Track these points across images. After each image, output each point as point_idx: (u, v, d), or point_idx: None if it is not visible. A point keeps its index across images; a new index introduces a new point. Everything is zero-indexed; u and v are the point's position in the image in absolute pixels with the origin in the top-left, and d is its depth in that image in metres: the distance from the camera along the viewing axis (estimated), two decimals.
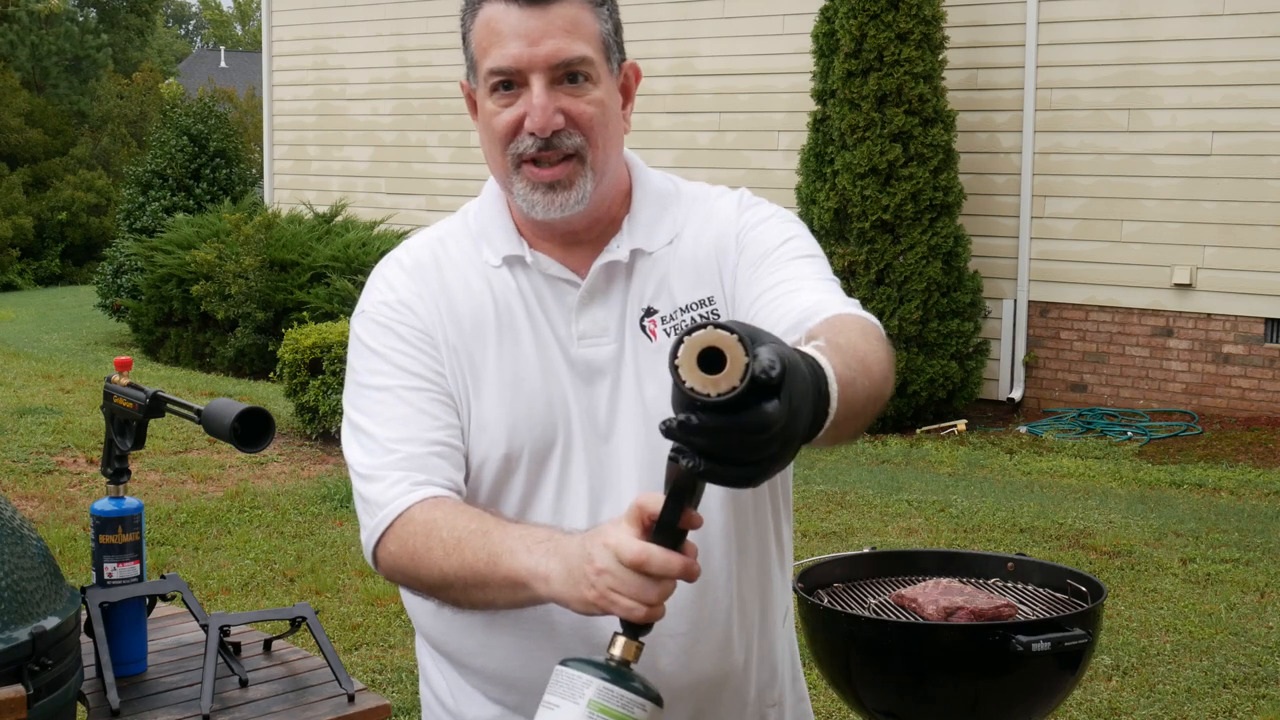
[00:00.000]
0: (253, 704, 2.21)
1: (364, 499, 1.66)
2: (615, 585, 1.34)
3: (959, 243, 9.76)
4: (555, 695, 1.36)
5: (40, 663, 1.84)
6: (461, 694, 1.78)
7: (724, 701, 1.77)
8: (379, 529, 1.62)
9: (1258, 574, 6.02)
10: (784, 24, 11.14)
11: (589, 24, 1.65)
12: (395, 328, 1.71)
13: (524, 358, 1.69)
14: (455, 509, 1.59)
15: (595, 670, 1.35)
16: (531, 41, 1.62)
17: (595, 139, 1.66)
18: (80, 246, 25.04)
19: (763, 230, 1.81)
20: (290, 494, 7.28)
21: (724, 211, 1.81)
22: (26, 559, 1.91)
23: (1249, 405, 9.54)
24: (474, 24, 1.71)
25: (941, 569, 2.61)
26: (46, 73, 30.16)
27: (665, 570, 1.33)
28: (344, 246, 12.27)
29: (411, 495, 1.61)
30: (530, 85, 1.63)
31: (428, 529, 1.57)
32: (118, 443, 2.37)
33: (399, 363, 1.69)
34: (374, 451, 1.66)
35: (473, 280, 1.73)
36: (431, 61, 13.62)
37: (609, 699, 1.33)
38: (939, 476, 8.19)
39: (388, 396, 1.68)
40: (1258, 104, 9.38)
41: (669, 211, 1.77)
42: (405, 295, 1.72)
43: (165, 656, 2.39)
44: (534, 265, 1.72)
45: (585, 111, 1.64)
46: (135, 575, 2.34)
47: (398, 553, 1.60)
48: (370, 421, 1.68)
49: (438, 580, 1.57)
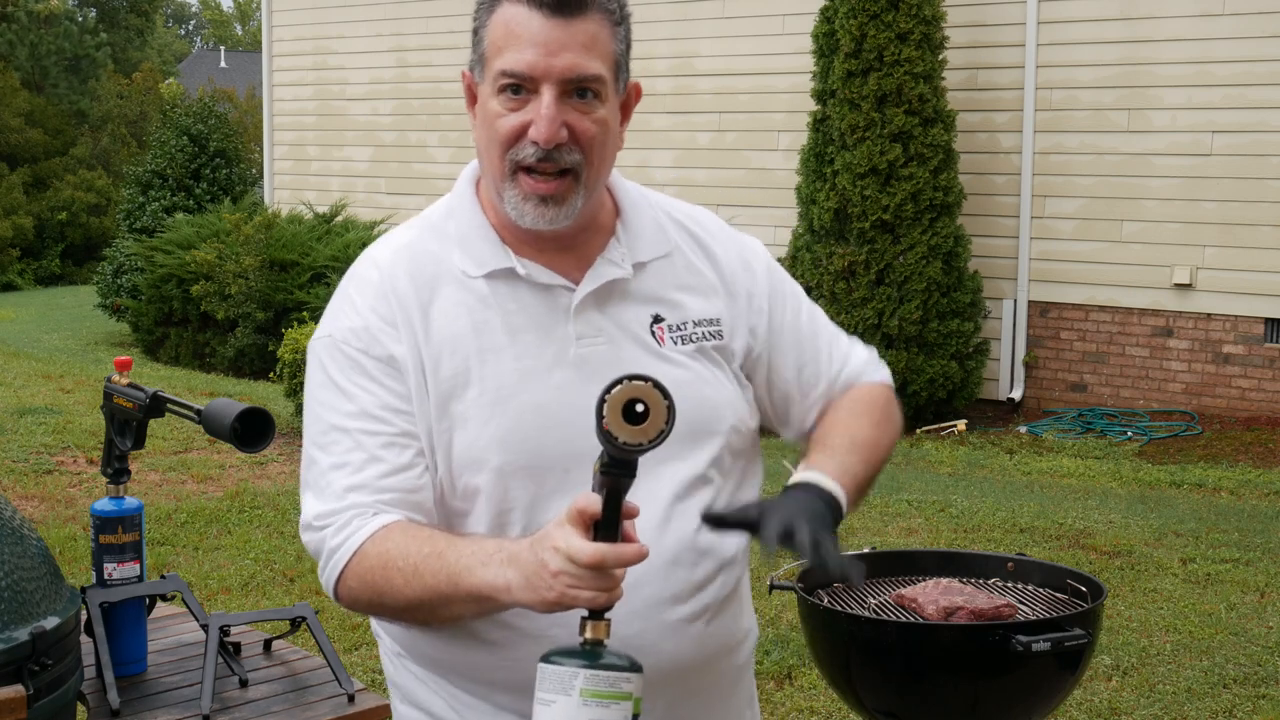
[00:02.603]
0: (253, 704, 2.21)
1: (317, 544, 1.68)
2: (573, 584, 1.43)
3: (959, 243, 9.76)
4: (547, 692, 1.42)
5: (40, 663, 1.84)
6: (467, 709, 1.76)
7: (721, 672, 1.82)
8: (336, 573, 1.65)
9: (1258, 574, 6.02)
10: (784, 24, 11.13)
11: (606, 42, 1.66)
12: (360, 360, 1.69)
13: (507, 371, 1.69)
14: (405, 535, 1.62)
15: (577, 660, 1.43)
16: (550, 52, 1.62)
17: (593, 158, 1.67)
18: (80, 246, 25.04)
19: (771, 277, 1.88)
20: (290, 494, 7.28)
21: (734, 249, 1.86)
22: (26, 559, 1.91)
23: (1249, 405, 9.55)
24: (490, 19, 1.67)
25: (941, 569, 2.61)
26: (46, 73, 30.16)
27: (620, 562, 1.43)
28: (344, 246, 12.27)
29: (361, 533, 1.63)
30: (541, 95, 1.63)
31: (384, 561, 1.60)
32: (118, 443, 2.37)
33: (361, 403, 1.68)
34: (326, 497, 1.67)
35: (448, 293, 1.71)
36: (431, 61, 13.62)
37: (597, 683, 1.41)
38: (939, 476, 8.19)
39: (345, 439, 1.68)
40: (1258, 104, 9.38)
41: (657, 223, 1.81)
42: (372, 321, 1.70)
43: (165, 656, 2.39)
44: (525, 276, 1.72)
45: (589, 130, 1.65)
46: (135, 575, 2.34)
47: (358, 588, 1.64)
48: (326, 462, 1.69)
49: (403, 606, 1.62)
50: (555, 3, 1.62)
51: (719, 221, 1.90)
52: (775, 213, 11.09)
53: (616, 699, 1.42)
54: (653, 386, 1.37)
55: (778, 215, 11.05)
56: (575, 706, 1.40)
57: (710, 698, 1.81)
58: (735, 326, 1.81)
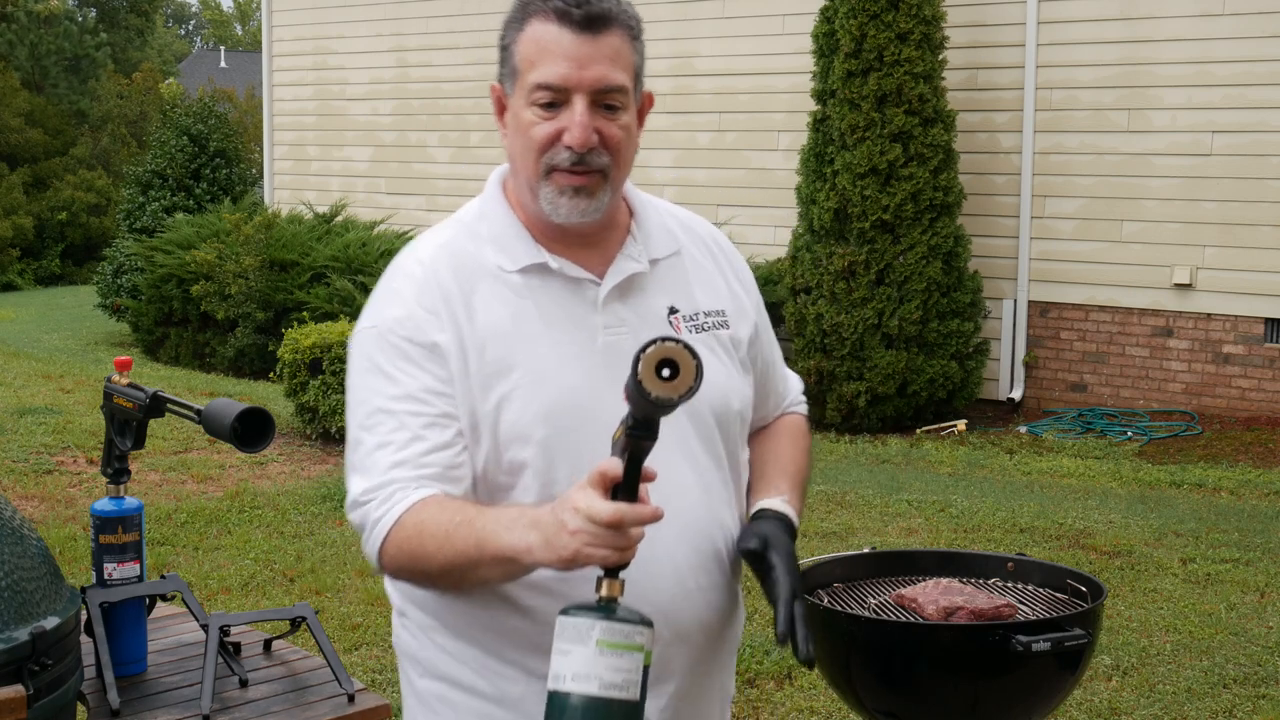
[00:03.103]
0: (253, 704, 2.21)
1: (361, 518, 1.81)
2: (590, 541, 1.56)
3: (959, 243, 9.76)
4: (566, 642, 1.54)
5: (40, 663, 1.84)
6: (496, 675, 1.86)
7: (724, 640, 1.99)
8: (378, 542, 1.78)
9: (1258, 574, 6.02)
10: (784, 24, 11.14)
11: (628, 55, 1.82)
12: (403, 347, 1.82)
13: (545, 358, 1.83)
14: (438, 507, 1.75)
15: (595, 613, 1.54)
16: (580, 65, 1.77)
17: (619, 160, 1.84)
18: (80, 246, 25.04)
19: (756, 292, 2.09)
20: (290, 494, 7.28)
21: (729, 254, 2.07)
22: (26, 559, 1.91)
23: (1249, 405, 9.55)
24: (520, 36, 1.82)
25: (941, 569, 2.61)
26: (46, 72, 30.15)
27: (636, 521, 1.56)
28: (344, 246, 12.27)
29: (402, 504, 1.76)
30: (573, 104, 1.78)
31: (420, 530, 1.74)
32: (118, 443, 2.37)
33: (405, 387, 1.81)
34: (371, 474, 1.80)
35: (486, 287, 1.85)
36: (431, 61, 13.62)
37: (613, 634, 1.53)
38: (939, 476, 8.19)
39: (389, 420, 1.80)
40: (1258, 104, 9.38)
41: (664, 225, 1.99)
42: (416, 310, 1.83)
43: (165, 656, 2.39)
44: (559, 270, 1.87)
45: (616, 135, 1.82)
46: (135, 575, 2.34)
47: (398, 555, 1.77)
48: (371, 441, 1.81)
49: (438, 570, 1.75)
50: (584, 20, 1.77)
51: (719, 232, 2.10)
52: (775, 213, 11.10)
53: (630, 649, 1.53)
54: (683, 348, 1.50)
55: (778, 215, 11.05)
56: (592, 655, 1.51)
57: (714, 663, 1.97)
58: (738, 320, 2.00)
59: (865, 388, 9.59)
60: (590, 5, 1.78)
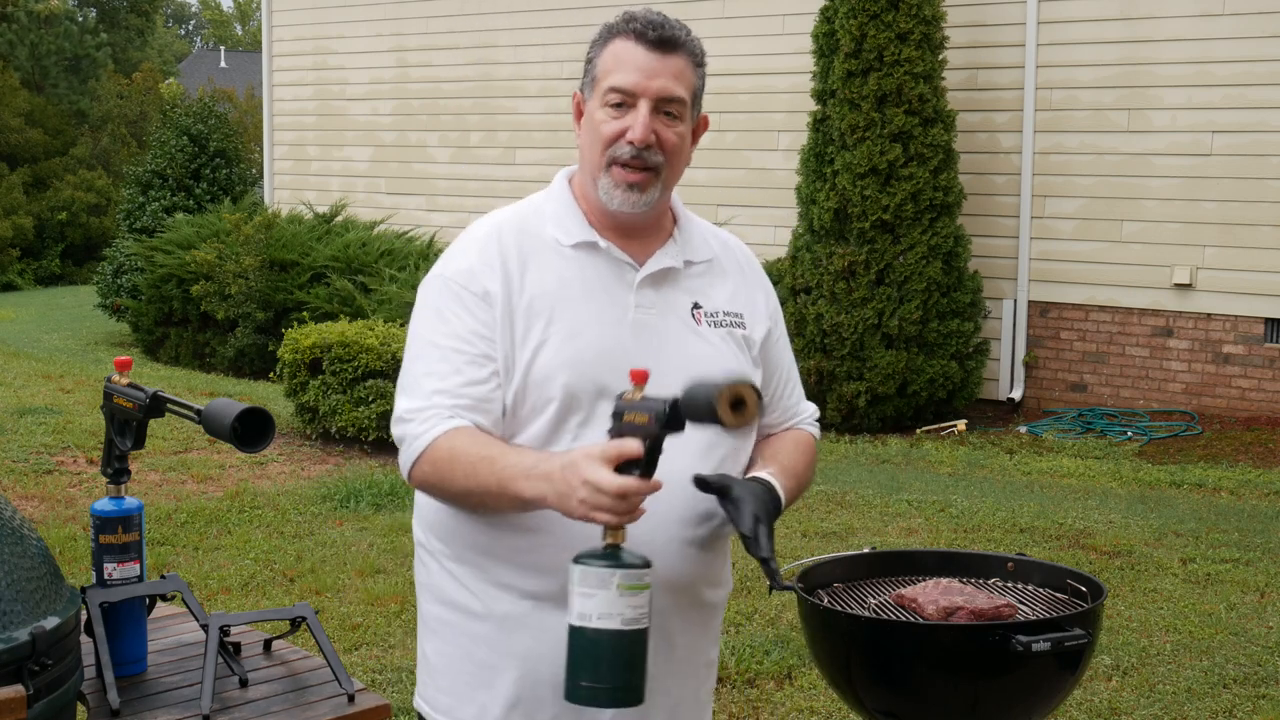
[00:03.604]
0: (253, 704, 2.21)
1: (403, 433, 2.11)
2: (597, 506, 1.86)
3: (959, 243, 9.76)
4: (588, 587, 1.85)
5: (40, 663, 1.84)
6: (489, 597, 2.15)
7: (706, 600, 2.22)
8: (413, 456, 2.08)
9: (1258, 574, 6.02)
10: (784, 24, 11.14)
11: (690, 77, 2.18)
12: (459, 293, 2.13)
13: (581, 319, 2.12)
14: (470, 439, 2.05)
15: (609, 562, 1.86)
16: (649, 76, 2.12)
17: (672, 161, 2.16)
18: (80, 246, 25.04)
19: (777, 308, 2.38)
20: (290, 494, 7.28)
21: (757, 271, 2.37)
22: (26, 559, 1.91)
23: (1249, 405, 9.55)
24: (603, 51, 2.16)
25: (941, 569, 2.61)
26: (46, 72, 30.15)
27: (642, 492, 1.86)
28: (344, 246, 12.27)
29: (438, 429, 2.06)
30: (638, 107, 2.12)
31: (451, 455, 2.05)
32: (118, 443, 2.37)
33: (454, 327, 2.12)
34: (415, 396, 2.11)
35: (543, 254, 2.16)
36: (431, 61, 13.62)
37: (629, 579, 1.85)
38: (939, 476, 8.19)
39: (435, 352, 2.12)
40: (1258, 104, 9.38)
41: (703, 236, 2.31)
42: (476, 263, 2.15)
43: (165, 656, 2.39)
44: (606, 250, 2.18)
45: (671, 139, 2.15)
46: (135, 575, 2.34)
47: (430, 472, 2.08)
48: (420, 369, 2.13)
49: (459, 492, 2.07)
50: (657, 41, 2.13)
51: (750, 253, 2.39)
52: (775, 213, 11.10)
53: (641, 589, 1.86)
54: (753, 389, 1.85)
55: (778, 215, 11.05)
56: (614, 597, 1.84)
57: (694, 617, 2.20)
58: (754, 324, 2.27)
59: (865, 388, 9.59)
60: (664, 30, 2.13)
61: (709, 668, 2.29)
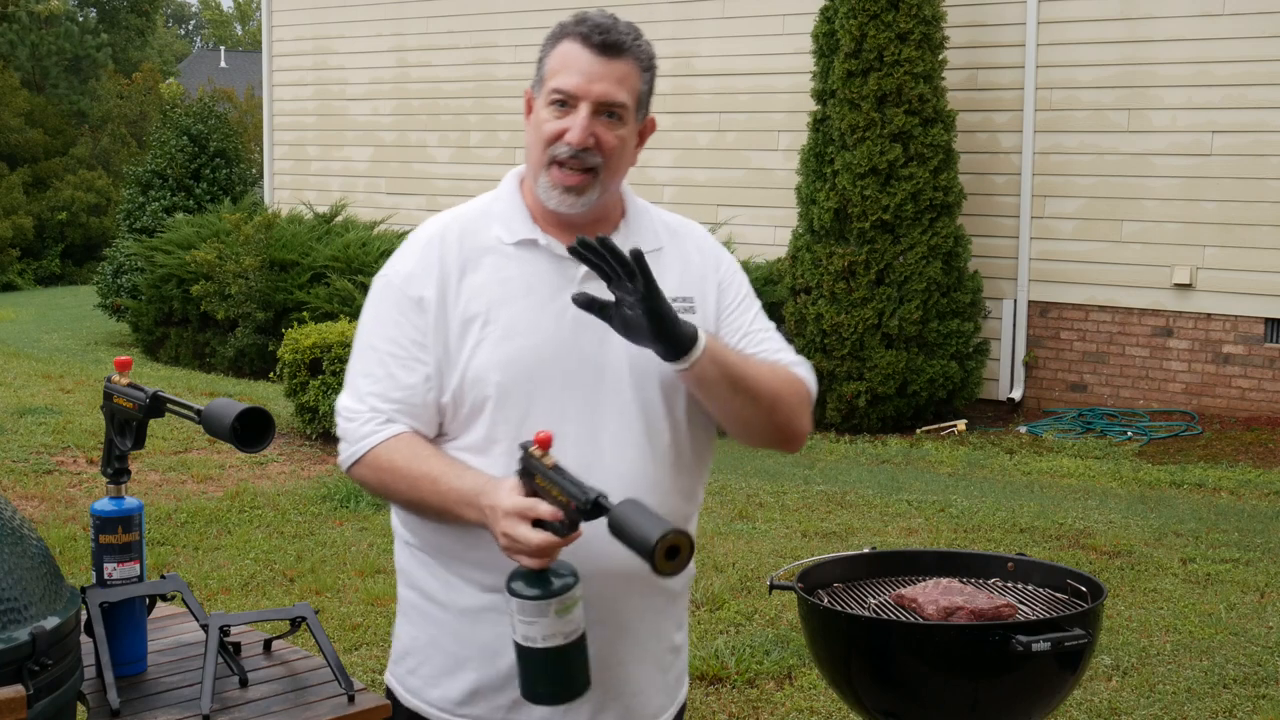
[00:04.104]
0: (253, 704, 2.21)
1: (344, 431, 2.22)
2: (519, 553, 1.96)
3: (959, 243, 9.76)
4: (528, 616, 1.95)
5: (40, 663, 1.84)
6: (453, 589, 2.23)
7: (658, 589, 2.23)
8: (352, 458, 2.20)
9: (1258, 574, 6.02)
10: (784, 24, 11.13)
11: (634, 81, 2.18)
12: (398, 299, 2.20)
13: (519, 317, 2.16)
14: (411, 451, 2.14)
15: (543, 591, 1.93)
16: (591, 80, 2.14)
17: (610, 163, 2.18)
18: (80, 246, 25.03)
19: (736, 279, 2.35)
20: (290, 494, 7.29)
21: (712, 251, 2.35)
22: (26, 559, 1.91)
23: (1249, 405, 9.55)
24: (552, 51, 2.19)
25: (941, 569, 2.61)
26: (46, 73, 30.15)
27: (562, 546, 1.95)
28: (344, 246, 12.27)
29: (377, 435, 2.17)
30: (579, 110, 2.14)
31: (392, 467, 2.15)
32: (118, 443, 2.37)
33: (389, 331, 2.20)
34: (352, 394, 2.23)
35: (485, 254, 2.21)
36: (431, 61, 13.62)
37: (564, 603, 1.94)
38: (939, 476, 8.19)
39: (372, 355, 2.22)
40: (1258, 104, 9.38)
41: (653, 227, 2.32)
42: (413, 267, 2.22)
43: (165, 656, 2.39)
44: (545, 246, 2.21)
45: (610, 141, 2.16)
46: (135, 575, 2.34)
47: (369, 476, 2.19)
48: (359, 369, 2.23)
49: (402, 502, 2.19)
50: (601, 45, 2.14)
51: (706, 234, 2.39)
52: (775, 213, 11.09)
53: (576, 603, 1.96)
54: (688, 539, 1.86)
55: (778, 215, 11.05)
56: (553, 621, 1.94)
57: (651, 604, 2.24)
58: (705, 307, 2.28)
59: (865, 388, 9.59)
60: (609, 35, 2.15)
61: (674, 652, 2.32)
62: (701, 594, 5.57)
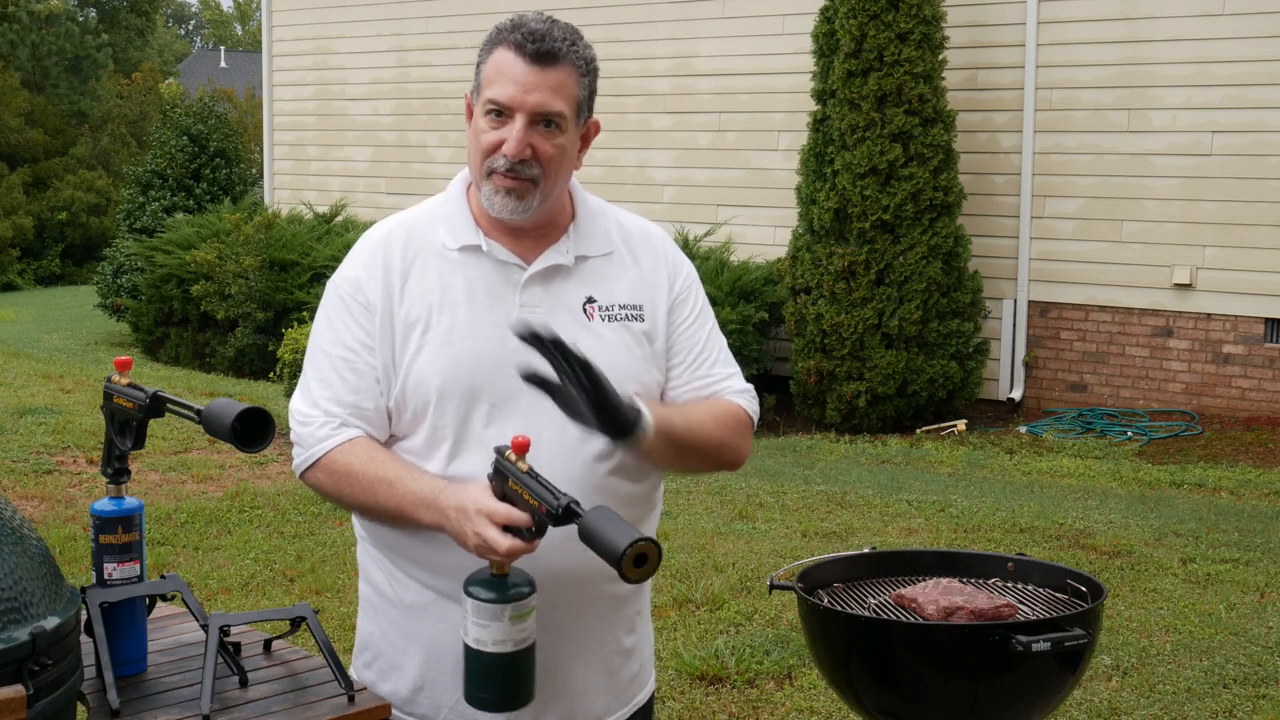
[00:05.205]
0: (253, 704, 2.21)
1: (297, 434, 2.21)
2: (488, 554, 1.97)
3: (959, 243, 9.76)
4: (481, 619, 1.98)
5: (40, 663, 1.84)
6: (399, 584, 2.26)
7: (605, 594, 2.23)
8: (307, 462, 2.20)
9: (1258, 574, 6.02)
10: (784, 24, 11.14)
11: (571, 88, 2.14)
12: (347, 302, 2.22)
13: (460, 323, 2.17)
14: (366, 456, 2.15)
15: (500, 596, 1.97)
16: (526, 90, 2.10)
17: (549, 172, 2.14)
18: (80, 246, 25.04)
19: (692, 292, 2.32)
20: (290, 494, 7.28)
21: (669, 257, 2.32)
22: (26, 559, 1.91)
23: (1249, 405, 9.55)
24: (489, 58, 2.15)
25: (941, 569, 2.61)
26: (46, 73, 30.16)
27: (528, 552, 1.97)
28: (344, 246, 12.25)
29: (332, 440, 2.17)
30: (515, 121, 2.11)
31: (348, 472, 2.15)
32: (118, 443, 2.36)
33: (340, 335, 2.21)
34: (305, 399, 2.22)
35: (429, 260, 2.21)
36: (431, 61, 13.62)
37: (519, 610, 1.98)
38: (939, 476, 8.19)
39: (324, 360, 2.23)
40: (1258, 104, 9.38)
41: (605, 229, 2.28)
42: (362, 273, 2.22)
43: (165, 656, 2.39)
44: (488, 252, 2.20)
45: (548, 151, 2.13)
46: (135, 575, 2.34)
47: (324, 480, 2.18)
48: (312, 374, 2.24)
49: (357, 507, 2.19)
50: (535, 54, 2.10)
51: (666, 238, 2.36)
52: (775, 213, 11.09)
53: (530, 612, 1.99)
54: (656, 547, 1.87)
55: (778, 215, 11.05)
56: (506, 626, 1.97)
57: (594, 611, 2.24)
58: (656, 315, 2.26)
59: (865, 388, 9.59)
60: (543, 43, 2.10)
61: (624, 655, 2.32)
62: (701, 594, 5.58)
